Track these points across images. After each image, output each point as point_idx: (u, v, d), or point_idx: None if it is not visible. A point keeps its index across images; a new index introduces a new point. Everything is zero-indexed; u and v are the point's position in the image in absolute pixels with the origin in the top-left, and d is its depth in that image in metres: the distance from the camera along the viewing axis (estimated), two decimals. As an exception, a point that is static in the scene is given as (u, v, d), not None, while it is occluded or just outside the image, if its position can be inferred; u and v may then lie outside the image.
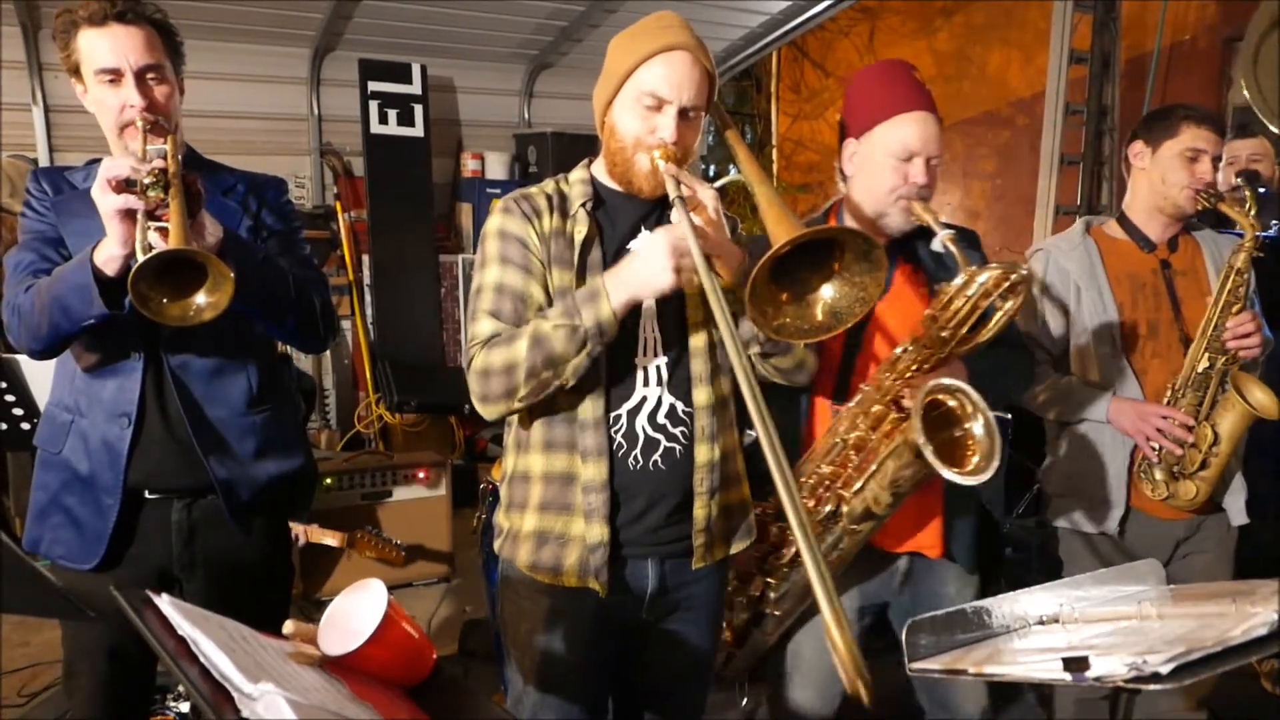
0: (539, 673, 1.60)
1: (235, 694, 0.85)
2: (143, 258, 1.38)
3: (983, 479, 1.61)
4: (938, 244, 1.68)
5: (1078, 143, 5.25)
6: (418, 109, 4.97)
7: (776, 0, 5.15)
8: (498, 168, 5.42)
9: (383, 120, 4.90)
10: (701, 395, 1.54)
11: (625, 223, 1.57)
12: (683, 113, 1.46)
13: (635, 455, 1.52)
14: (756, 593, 1.82)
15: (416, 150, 5.00)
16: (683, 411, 1.53)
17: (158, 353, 1.67)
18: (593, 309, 1.40)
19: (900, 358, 1.70)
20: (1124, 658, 1.08)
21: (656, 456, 1.52)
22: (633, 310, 1.53)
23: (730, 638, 1.90)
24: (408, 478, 3.76)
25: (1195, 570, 2.11)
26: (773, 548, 1.79)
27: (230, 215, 1.71)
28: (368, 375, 4.93)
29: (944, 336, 1.66)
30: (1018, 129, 6.12)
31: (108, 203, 1.44)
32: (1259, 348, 2.03)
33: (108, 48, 1.58)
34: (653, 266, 1.38)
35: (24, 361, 2.76)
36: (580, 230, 1.53)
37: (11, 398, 2.79)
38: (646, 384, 1.53)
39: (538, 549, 1.55)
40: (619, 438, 1.51)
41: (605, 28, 4.95)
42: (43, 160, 4.22)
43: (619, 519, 1.53)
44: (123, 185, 1.44)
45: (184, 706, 2.38)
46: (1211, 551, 2.15)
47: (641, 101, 1.46)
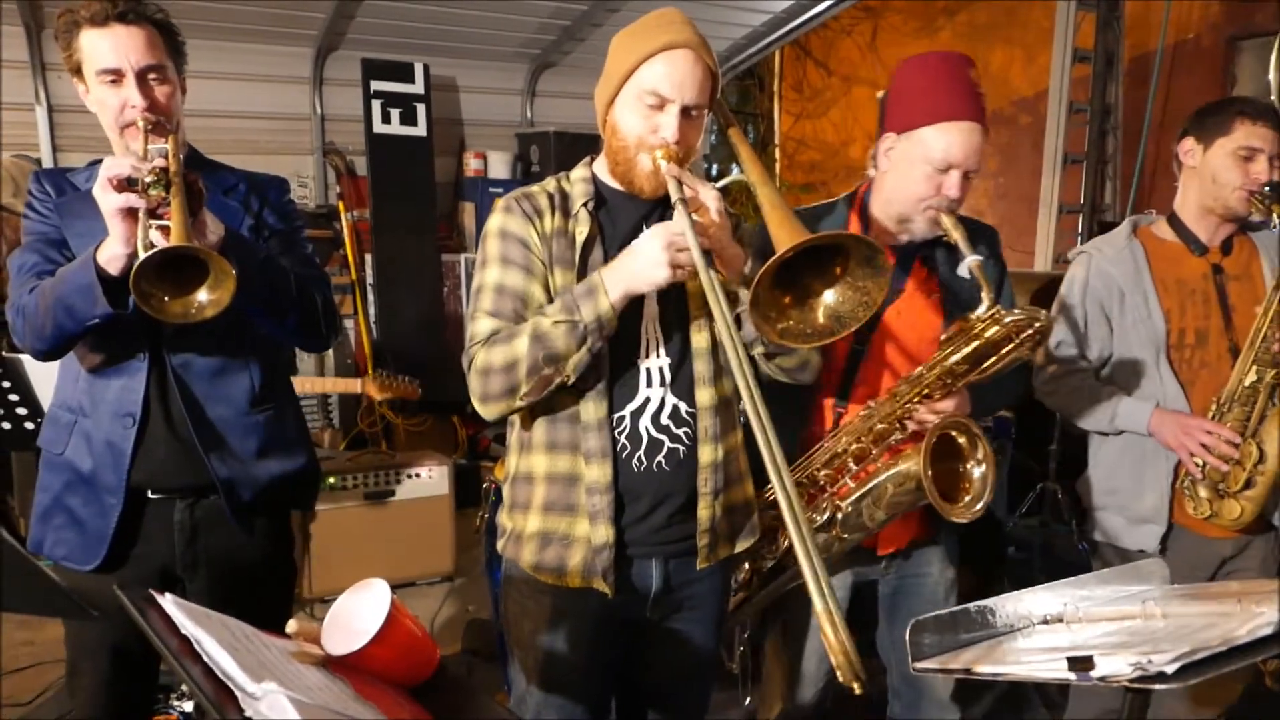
0: (542, 672, 1.60)
1: (239, 693, 0.85)
2: (144, 256, 1.38)
3: (966, 519, 1.67)
4: (964, 269, 1.67)
5: (1081, 141, 5.25)
6: (420, 108, 4.97)
7: (779, -1, 5.16)
8: (500, 167, 5.42)
9: (385, 120, 4.90)
10: (705, 396, 1.54)
11: (627, 222, 1.56)
12: (685, 111, 1.46)
13: (639, 456, 1.52)
14: (784, 544, 1.82)
15: (419, 149, 5.00)
16: (686, 412, 1.53)
17: (160, 353, 1.67)
18: (591, 303, 1.40)
19: (913, 380, 1.70)
20: (1129, 657, 1.07)
21: (660, 457, 1.52)
22: (635, 311, 1.53)
23: (752, 578, 1.91)
24: (411, 477, 3.76)
25: None
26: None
27: (232, 215, 1.71)
28: (370, 374, 4.93)
29: (957, 369, 1.67)
30: (1021, 128, 6.11)
31: (109, 201, 1.44)
32: None
33: (109, 48, 1.58)
34: (648, 259, 1.38)
35: (28, 361, 2.77)
36: (582, 230, 1.52)
37: (15, 397, 2.79)
38: (650, 385, 1.52)
39: (541, 550, 1.55)
40: (622, 439, 1.51)
41: (608, 26, 4.94)
42: (46, 160, 4.22)
43: (623, 520, 1.53)
44: (124, 184, 1.44)
45: (187, 706, 2.38)
46: (1254, 570, 2.06)
47: (644, 100, 1.45)
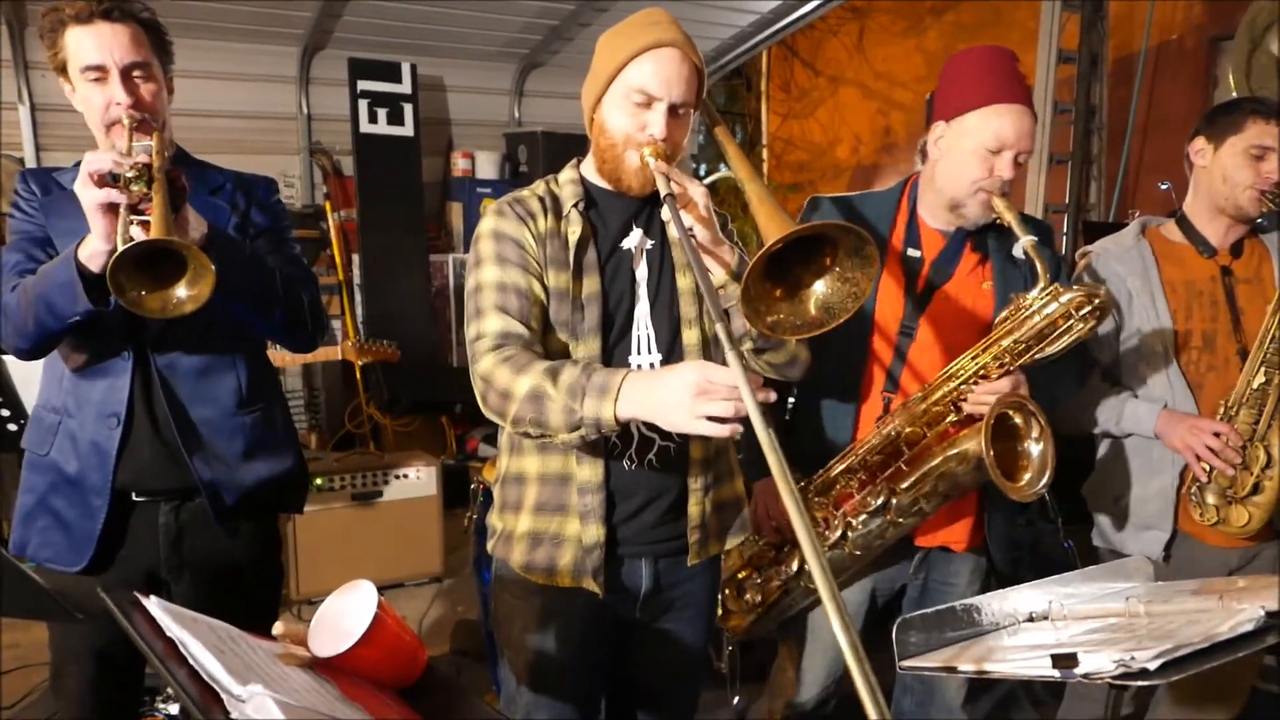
0: (532, 673, 1.60)
1: (224, 696, 0.84)
2: (122, 249, 1.36)
3: (1030, 497, 1.65)
4: (1019, 250, 1.67)
5: (1066, 142, 5.27)
6: (407, 108, 4.96)
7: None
8: (488, 167, 5.41)
9: (372, 119, 4.88)
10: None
11: (616, 221, 1.56)
12: (672, 109, 1.46)
13: (630, 454, 1.52)
14: (793, 568, 1.84)
15: (406, 149, 4.99)
16: (676, 409, 1.53)
17: (145, 352, 1.66)
18: (597, 404, 1.32)
19: (969, 360, 1.70)
20: (1112, 654, 1.08)
21: (651, 455, 1.52)
22: (627, 309, 1.53)
23: (761, 602, 1.93)
24: (398, 477, 3.75)
25: None
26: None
27: (218, 213, 1.70)
28: (358, 375, 4.91)
29: (1014, 348, 1.66)
30: (1007, 128, 6.14)
31: (90, 197, 1.43)
32: None
33: (93, 45, 1.57)
34: (675, 403, 1.25)
35: (10, 362, 2.75)
36: (574, 231, 1.52)
37: (-2, 399, 2.77)
38: (639, 382, 1.52)
39: (532, 550, 1.55)
40: (613, 437, 1.51)
41: (596, 26, 4.94)
42: (29, 160, 4.19)
43: (614, 518, 1.53)
44: (105, 179, 1.43)
45: (173, 708, 2.37)
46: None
47: (631, 98, 1.45)
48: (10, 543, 1.73)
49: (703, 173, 6.81)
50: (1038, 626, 1.33)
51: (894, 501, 1.71)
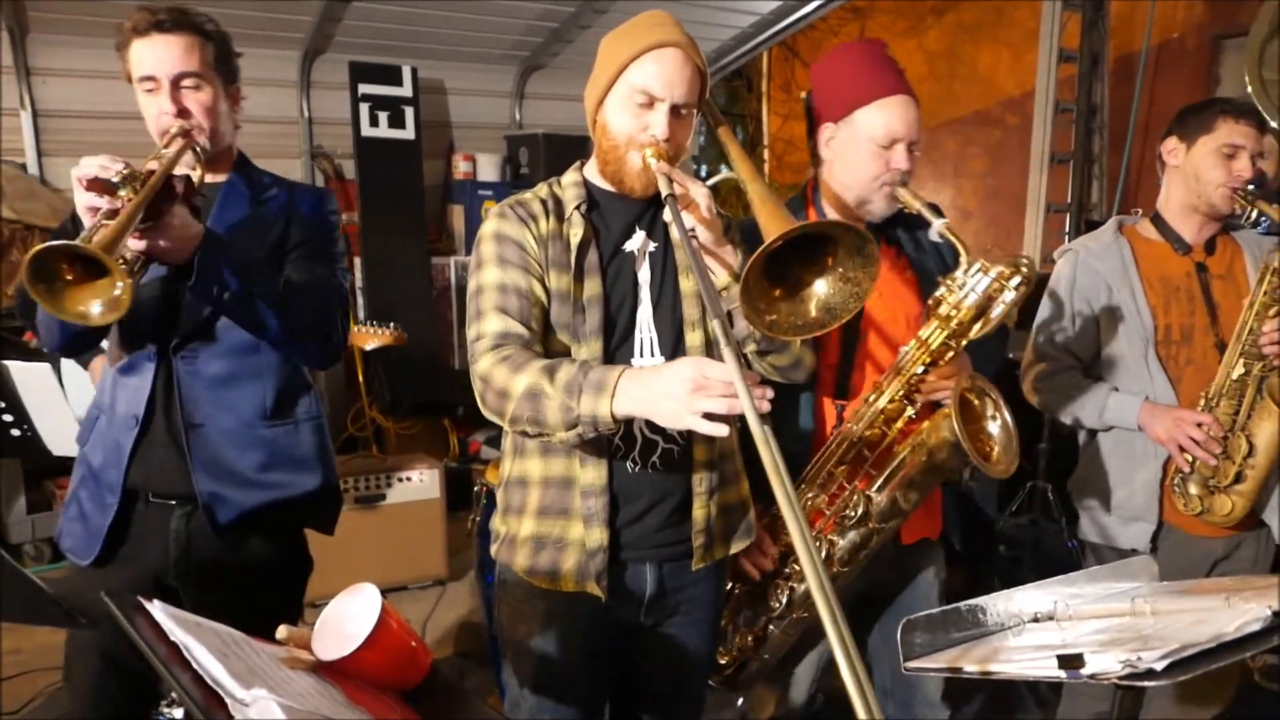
0: (536, 677, 1.59)
1: (228, 700, 0.84)
2: (37, 248, 1.32)
3: (1007, 473, 1.65)
4: (934, 234, 1.67)
5: (1068, 141, 5.27)
6: (408, 111, 4.96)
7: (767, 0, 5.16)
8: (489, 169, 5.41)
9: (373, 123, 4.88)
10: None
11: (619, 223, 1.56)
12: (674, 110, 1.46)
13: (633, 457, 1.51)
14: (779, 602, 1.79)
15: (407, 152, 4.99)
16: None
17: (168, 355, 1.68)
18: (593, 401, 1.31)
19: (911, 353, 1.69)
20: (1119, 654, 1.08)
21: (655, 458, 1.52)
22: (629, 312, 1.53)
23: (750, 642, 1.86)
24: (402, 480, 3.75)
25: None
26: (790, 548, 1.77)
27: (263, 222, 1.74)
28: (360, 378, 4.91)
29: (958, 329, 1.66)
30: (1008, 128, 6.14)
31: (79, 200, 1.47)
32: None
33: (147, 57, 1.64)
34: (669, 398, 1.25)
35: (14, 368, 2.75)
36: (576, 233, 1.52)
37: (1, 404, 2.77)
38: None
39: (535, 554, 1.54)
40: (616, 440, 1.50)
41: (596, 28, 4.95)
42: (31, 165, 4.19)
43: (618, 522, 1.52)
44: (94, 183, 1.45)
45: (177, 713, 2.37)
46: (1247, 570, 2.06)
47: (633, 99, 1.45)
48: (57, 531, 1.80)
49: (704, 174, 6.82)
50: (1043, 627, 1.33)
51: (872, 509, 1.70)
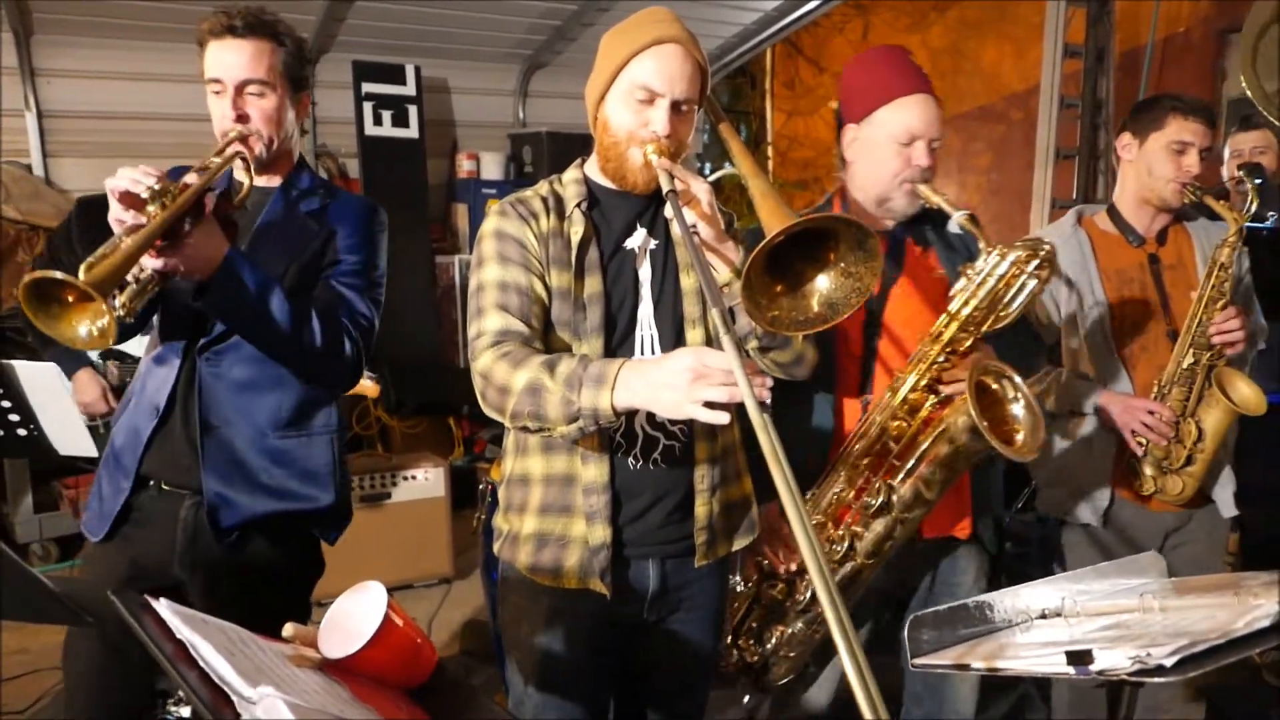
0: (540, 674, 1.59)
1: (235, 698, 0.84)
2: (30, 276, 1.33)
3: (1033, 456, 1.65)
4: (954, 225, 1.69)
5: (1073, 136, 5.25)
6: (412, 110, 4.96)
7: (770, -3, 5.16)
8: (493, 168, 5.40)
9: (377, 122, 4.88)
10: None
11: (620, 221, 1.56)
12: (675, 106, 1.45)
13: (635, 454, 1.51)
14: (804, 595, 1.78)
15: (411, 151, 4.99)
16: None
17: (193, 352, 1.70)
18: (594, 394, 1.31)
19: (934, 339, 1.70)
20: (1127, 651, 1.07)
21: (656, 454, 1.52)
22: (630, 309, 1.52)
23: (776, 640, 1.85)
24: (407, 479, 3.76)
25: (1185, 560, 2.12)
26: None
27: (304, 234, 1.75)
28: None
29: (976, 316, 1.67)
30: (1013, 123, 6.12)
31: (110, 212, 1.47)
32: (1244, 343, 2.03)
33: (216, 60, 1.67)
34: (669, 389, 1.25)
35: (20, 368, 2.76)
36: (577, 231, 1.52)
37: (7, 404, 2.78)
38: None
39: (537, 551, 1.54)
40: (618, 437, 1.50)
41: (599, 26, 4.94)
42: (36, 166, 4.20)
43: (620, 519, 1.52)
44: (126, 197, 1.45)
45: (185, 711, 2.37)
46: (1203, 542, 2.16)
47: (634, 95, 1.45)
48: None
49: (708, 171, 6.81)
50: (1051, 623, 1.32)
51: (895, 498, 1.70)
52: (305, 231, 1.75)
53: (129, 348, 2.64)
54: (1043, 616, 1.34)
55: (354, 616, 1.09)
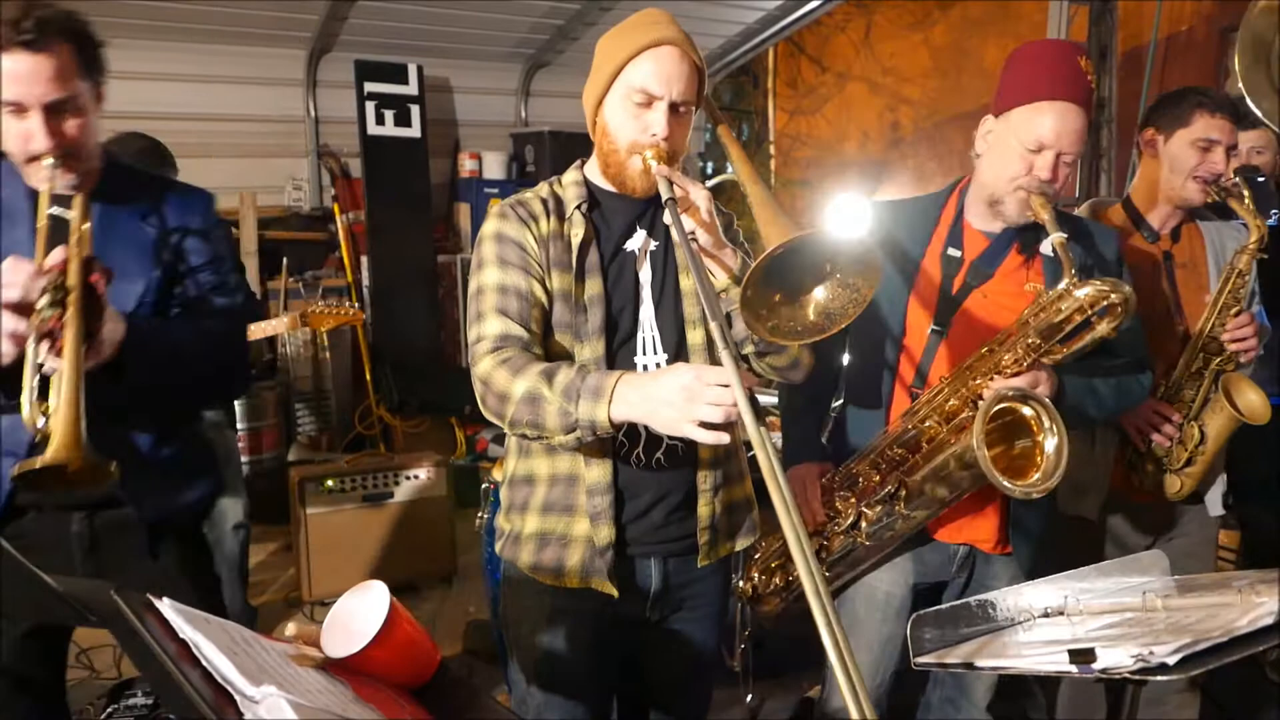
0: (542, 673, 1.60)
1: (238, 697, 0.84)
2: (16, 471, 1.23)
3: (1033, 496, 1.59)
4: (1047, 246, 1.64)
5: (1076, 135, 5.24)
6: (414, 109, 4.97)
7: (772, -4, 5.15)
8: (495, 167, 5.41)
9: (379, 121, 4.89)
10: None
11: (620, 223, 1.56)
12: (673, 108, 1.45)
13: (638, 453, 1.51)
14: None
15: (414, 151, 5.00)
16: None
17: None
18: (591, 406, 1.32)
19: (986, 356, 1.66)
20: (1130, 649, 1.07)
21: (659, 454, 1.52)
22: (632, 311, 1.52)
23: (785, 585, 1.89)
24: (409, 478, 3.76)
25: (1176, 554, 2.09)
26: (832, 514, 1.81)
27: (141, 240, 1.59)
28: (368, 377, 4.92)
29: (1034, 344, 1.61)
30: (1015, 122, 6.11)
31: (3, 326, 1.32)
32: (1255, 350, 2.01)
33: (10, 78, 1.40)
34: (668, 406, 1.26)
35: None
36: (577, 233, 1.52)
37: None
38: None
39: (539, 550, 1.55)
40: (620, 436, 1.50)
41: (602, 25, 4.94)
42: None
43: (623, 518, 1.53)
44: (15, 307, 1.31)
45: (139, 700, 2.41)
46: (1194, 536, 2.16)
47: (631, 98, 1.45)
48: None
49: (709, 171, 6.81)
50: (1053, 622, 1.32)
51: (903, 491, 1.69)
52: (145, 240, 1.59)
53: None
54: (1045, 615, 1.34)
55: (357, 616, 1.09)
